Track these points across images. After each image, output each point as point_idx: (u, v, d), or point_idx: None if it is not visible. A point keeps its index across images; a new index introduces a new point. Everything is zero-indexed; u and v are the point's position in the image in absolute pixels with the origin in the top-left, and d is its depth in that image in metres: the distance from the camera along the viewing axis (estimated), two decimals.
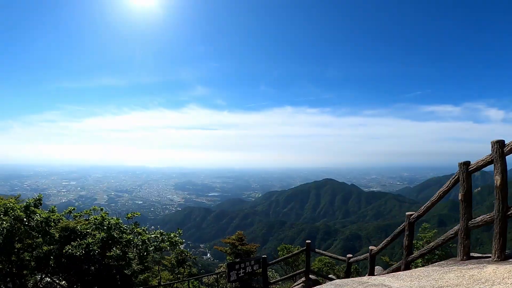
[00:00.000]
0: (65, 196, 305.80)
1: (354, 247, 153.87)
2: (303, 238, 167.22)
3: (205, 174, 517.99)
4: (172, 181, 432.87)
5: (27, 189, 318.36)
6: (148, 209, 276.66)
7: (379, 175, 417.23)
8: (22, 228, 7.24)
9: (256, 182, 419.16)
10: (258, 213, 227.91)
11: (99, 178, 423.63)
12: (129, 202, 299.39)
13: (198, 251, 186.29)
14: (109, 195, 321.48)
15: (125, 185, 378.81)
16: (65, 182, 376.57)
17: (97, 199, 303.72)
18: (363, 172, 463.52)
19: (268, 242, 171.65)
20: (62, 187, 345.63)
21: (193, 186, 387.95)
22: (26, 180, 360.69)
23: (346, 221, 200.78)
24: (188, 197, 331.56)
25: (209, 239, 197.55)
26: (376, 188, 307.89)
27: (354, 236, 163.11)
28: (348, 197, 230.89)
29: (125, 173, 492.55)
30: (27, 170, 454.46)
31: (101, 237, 7.51)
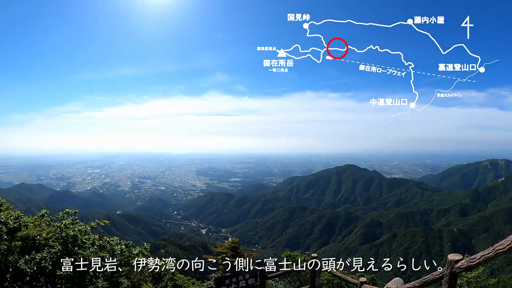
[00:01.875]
0: (90, 184, 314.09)
1: (374, 235, 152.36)
2: (324, 224, 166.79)
3: (226, 159, 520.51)
4: (194, 167, 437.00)
5: (52, 178, 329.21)
6: (171, 195, 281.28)
7: (401, 162, 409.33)
8: None
9: (277, 168, 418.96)
10: (280, 198, 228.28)
11: (122, 165, 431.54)
12: (152, 188, 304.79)
13: (219, 235, 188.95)
14: (132, 181, 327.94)
15: (148, 172, 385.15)
16: (90, 170, 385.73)
17: (121, 185, 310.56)
18: (386, 158, 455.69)
19: (289, 228, 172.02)
20: (86, 175, 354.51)
21: (215, 172, 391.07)
22: (51, 170, 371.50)
23: (367, 208, 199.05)
24: (210, 182, 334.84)
25: (231, 224, 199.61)
26: (398, 175, 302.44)
27: (374, 223, 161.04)
28: (370, 184, 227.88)
29: (148, 160, 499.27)
30: (52, 160, 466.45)
31: (56, 251, 6.69)
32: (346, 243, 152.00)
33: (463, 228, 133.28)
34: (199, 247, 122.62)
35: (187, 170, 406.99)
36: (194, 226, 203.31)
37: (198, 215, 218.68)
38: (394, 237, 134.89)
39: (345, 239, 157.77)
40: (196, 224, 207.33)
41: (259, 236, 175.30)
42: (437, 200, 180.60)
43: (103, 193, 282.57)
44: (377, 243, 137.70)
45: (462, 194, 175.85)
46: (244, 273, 9.63)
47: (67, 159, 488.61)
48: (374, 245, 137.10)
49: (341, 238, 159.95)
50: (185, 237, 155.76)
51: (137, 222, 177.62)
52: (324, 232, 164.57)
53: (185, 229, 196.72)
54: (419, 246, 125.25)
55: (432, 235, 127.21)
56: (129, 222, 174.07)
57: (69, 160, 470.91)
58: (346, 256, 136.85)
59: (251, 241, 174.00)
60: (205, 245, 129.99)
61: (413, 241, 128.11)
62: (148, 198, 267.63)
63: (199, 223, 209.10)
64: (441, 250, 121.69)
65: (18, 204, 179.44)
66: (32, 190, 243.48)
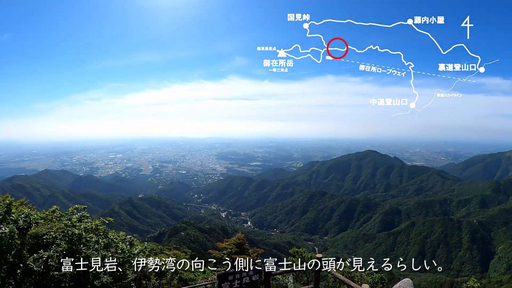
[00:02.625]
0: (112, 168, 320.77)
1: (393, 222, 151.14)
2: (343, 210, 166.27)
3: (247, 143, 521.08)
4: (214, 151, 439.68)
5: (76, 164, 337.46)
6: (192, 179, 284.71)
7: (423, 149, 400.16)
8: None
9: (297, 152, 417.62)
10: (299, 183, 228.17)
11: (144, 150, 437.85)
12: (173, 172, 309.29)
13: (239, 219, 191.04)
14: (154, 165, 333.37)
15: (169, 156, 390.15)
16: (112, 155, 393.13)
17: (142, 170, 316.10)
18: (407, 145, 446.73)
19: (308, 212, 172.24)
20: (109, 160, 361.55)
21: (235, 156, 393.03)
22: (75, 156, 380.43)
23: (387, 195, 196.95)
24: (230, 166, 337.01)
25: (250, 208, 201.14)
26: (419, 162, 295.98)
27: (394, 210, 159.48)
28: (390, 170, 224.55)
29: (169, 144, 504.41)
30: (76, 146, 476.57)
31: (61, 249, 7.18)
32: (364, 230, 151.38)
33: (483, 220, 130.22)
34: (219, 230, 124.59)
35: (208, 154, 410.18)
36: (214, 210, 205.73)
37: (218, 199, 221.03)
38: (412, 226, 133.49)
39: (364, 225, 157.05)
40: (216, 208, 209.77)
41: (278, 220, 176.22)
42: (458, 190, 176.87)
43: (125, 177, 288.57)
44: (395, 231, 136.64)
45: (483, 185, 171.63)
46: (248, 270, 9.55)
47: (90, 145, 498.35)
48: (392, 233, 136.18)
49: (360, 224, 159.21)
50: (205, 220, 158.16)
51: (158, 205, 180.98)
52: (343, 218, 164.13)
53: (205, 212, 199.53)
54: (437, 236, 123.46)
55: (451, 226, 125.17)
56: (151, 205, 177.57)
57: (91, 146, 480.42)
58: (364, 243, 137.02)
59: (270, 225, 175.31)
60: (225, 228, 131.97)
61: (432, 230, 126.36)
62: (169, 181, 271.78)
63: (219, 206, 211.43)
64: (460, 241, 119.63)
65: (43, 190, 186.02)
66: (56, 176, 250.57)
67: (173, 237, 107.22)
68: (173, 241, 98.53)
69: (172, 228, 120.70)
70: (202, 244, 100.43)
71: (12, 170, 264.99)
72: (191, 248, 76.29)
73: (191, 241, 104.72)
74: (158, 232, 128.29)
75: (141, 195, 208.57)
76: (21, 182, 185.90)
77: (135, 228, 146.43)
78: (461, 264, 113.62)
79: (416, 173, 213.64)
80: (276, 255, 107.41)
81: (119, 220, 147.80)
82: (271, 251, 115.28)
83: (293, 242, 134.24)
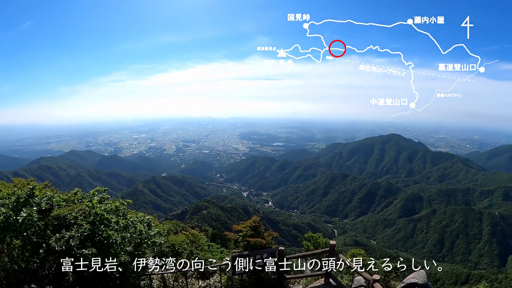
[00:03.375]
0: (136, 148, 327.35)
1: (413, 209, 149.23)
2: (364, 193, 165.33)
3: (269, 124, 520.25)
4: (237, 131, 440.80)
5: (101, 144, 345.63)
6: (214, 158, 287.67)
7: (448, 135, 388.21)
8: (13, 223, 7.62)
9: (320, 133, 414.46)
10: (321, 164, 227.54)
11: (167, 130, 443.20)
12: (196, 151, 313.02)
13: (260, 198, 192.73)
14: (177, 145, 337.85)
15: (192, 136, 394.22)
16: (136, 135, 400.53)
17: (166, 149, 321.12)
18: (432, 130, 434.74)
19: (329, 194, 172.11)
20: (133, 140, 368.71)
21: (258, 136, 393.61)
22: (99, 136, 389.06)
23: (409, 181, 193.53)
24: (252, 146, 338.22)
25: (272, 188, 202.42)
26: (443, 148, 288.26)
27: (415, 197, 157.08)
28: (414, 155, 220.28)
29: (192, 124, 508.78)
30: (100, 127, 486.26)
31: (82, 230, 7.59)
32: (385, 215, 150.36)
33: (505, 212, 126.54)
34: (240, 209, 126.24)
35: (230, 134, 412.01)
36: (236, 189, 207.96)
37: (240, 178, 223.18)
38: (433, 213, 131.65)
39: (384, 210, 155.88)
40: (237, 187, 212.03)
41: (299, 201, 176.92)
42: (481, 180, 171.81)
43: (149, 156, 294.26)
44: (416, 217, 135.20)
45: (508, 176, 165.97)
46: (262, 252, 9.64)
47: (114, 126, 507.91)
48: (413, 219, 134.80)
49: (380, 209, 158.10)
50: (227, 199, 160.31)
51: (181, 184, 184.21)
52: (364, 202, 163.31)
53: (227, 191, 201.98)
54: (457, 226, 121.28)
55: (472, 216, 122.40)
56: (174, 184, 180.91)
57: (116, 127, 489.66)
58: (384, 228, 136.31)
59: (291, 206, 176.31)
60: (246, 208, 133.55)
61: (452, 220, 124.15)
62: (192, 161, 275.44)
63: (241, 186, 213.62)
64: (480, 232, 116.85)
65: (69, 170, 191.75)
66: (82, 156, 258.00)
67: (195, 215, 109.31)
68: (195, 219, 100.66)
69: (194, 207, 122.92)
70: (224, 223, 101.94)
71: (39, 152, 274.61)
72: (212, 227, 77.78)
73: (213, 220, 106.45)
74: (181, 210, 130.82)
75: (164, 174, 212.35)
76: (48, 163, 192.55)
77: (158, 206, 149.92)
78: (479, 256, 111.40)
79: (440, 160, 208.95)
80: (296, 236, 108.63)
81: (143, 198, 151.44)
82: (290, 231, 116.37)
83: (313, 223, 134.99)
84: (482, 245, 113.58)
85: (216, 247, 20.08)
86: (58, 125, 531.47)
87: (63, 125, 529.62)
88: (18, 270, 8.31)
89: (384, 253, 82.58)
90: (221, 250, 18.84)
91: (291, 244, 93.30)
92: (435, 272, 69.43)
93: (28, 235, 7.92)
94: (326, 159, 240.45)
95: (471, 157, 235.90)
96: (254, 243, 10.07)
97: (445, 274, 65.83)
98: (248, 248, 10.15)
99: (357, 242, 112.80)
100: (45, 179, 13.00)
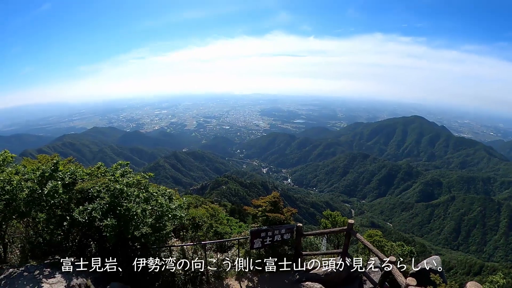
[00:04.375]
0: (158, 124, 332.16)
1: (432, 194, 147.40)
2: (383, 175, 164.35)
3: (291, 101, 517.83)
4: (258, 107, 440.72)
5: (123, 121, 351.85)
6: (235, 134, 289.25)
7: (472, 121, 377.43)
8: (37, 196, 7.95)
9: (342, 112, 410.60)
10: (342, 143, 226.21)
11: (188, 106, 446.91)
12: (217, 127, 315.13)
13: (279, 175, 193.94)
14: (198, 121, 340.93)
15: (213, 111, 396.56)
16: (157, 111, 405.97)
17: (187, 125, 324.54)
18: (456, 114, 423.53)
19: (348, 174, 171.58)
20: (154, 116, 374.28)
21: (279, 113, 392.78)
22: (121, 113, 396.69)
23: (430, 165, 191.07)
24: (273, 123, 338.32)
25: (291, 165, 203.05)
26: (467, 134, 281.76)
27: (435, 182, 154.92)
28: (436, 139, 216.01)
29: (213, 100, 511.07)
30: (122, 103, 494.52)
31: (105, 202, 7.85)
32: (403, 198, 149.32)
33: None
34: (259, 186, 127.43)
35: (251, 110, 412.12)
36: (256, 165, 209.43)
37: (260, 155, 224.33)
38: (452, 201, 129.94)
39: (402, 193, 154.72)
40: (257, 163, 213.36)
41: (318, 180, 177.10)
42: (503, 170, 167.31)
43: (170, 132, 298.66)
44: (434, 203, 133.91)
45: None
46: (280, 228, 9.79)
47: (136, 102, 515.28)
48: (431, 204, 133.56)
49: (399, 192, 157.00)
50: (246, 175, 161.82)
51: (201, 159, 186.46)
52: (382, 183, 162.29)
53: (247, 167, 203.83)
54: (475, 215, 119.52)
55: (490, 207, 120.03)
56: (194, 159, 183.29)
57: (137, 103, 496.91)
58: (401, 212, 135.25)
59: (310, 184, 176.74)
60: (265, 184, 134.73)
61: (470, 208, 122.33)
62: (213, 136, 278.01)
63: (261, 162, 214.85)
64: (497, 224, 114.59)
65: (92, 146, 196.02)
66: (104, 132, 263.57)
67: (215, 190, 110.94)
68: (214, 194, 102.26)
69: (214, 182, 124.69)
70: (242, 198, 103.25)
71: (62, 130, 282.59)
72: (231, 202, 78.84)
73: (232, 195, 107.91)
74: (201, 185, 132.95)
75: (185, 150, 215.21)
76: (71, 140, 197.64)
77: (179, 181, 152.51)
78: (494, 248, 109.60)
79: (463, 146, 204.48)
80: (313, 214, 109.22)
81: (164, 173, 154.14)
82: (308, 209, 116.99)
83: (331, 202, 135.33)
84: (498, 237, 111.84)
85: (235, 222, 20.41)
86: (80, 103, 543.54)
87: (85, 103, 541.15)
88: (43, 242, 8.72)
89: (399, 236, 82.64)
90: (239, 225, 19.11)
91: (308, 222, 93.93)
92: (449, 260, 68.94)
93: (53, 209, 8.24)
94: (346, 138, 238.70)
95: (494, 145, 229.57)
96: (273, 218, 10.15)
97: (458, 263, 65.43)
98: (267, 223, 10.25)
99: (374, 223, 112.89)
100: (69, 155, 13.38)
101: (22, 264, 8.02)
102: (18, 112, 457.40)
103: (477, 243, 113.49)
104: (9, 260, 8.89)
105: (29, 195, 7.84)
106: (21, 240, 9.24)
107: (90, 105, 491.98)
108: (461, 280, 19.28)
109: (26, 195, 7.82)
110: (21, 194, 7.84)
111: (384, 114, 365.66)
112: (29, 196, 7.83)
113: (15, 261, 8.89)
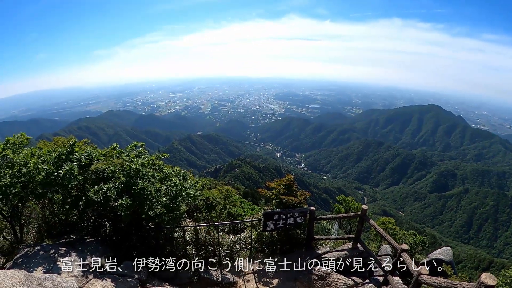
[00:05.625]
0: (173, 107, 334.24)
1: (446, 185, 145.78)
2: (397, 163, 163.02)
3: (306, 85, 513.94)
4: (273, 91, 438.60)
5: (137, 104, 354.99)
6: (249, 118, 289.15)
7: (490, 113, 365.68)
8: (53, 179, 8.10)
9: (357, 98, 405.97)
10: (356, 130, 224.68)
11: (203, 89, 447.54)
12: (231, 110, 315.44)
13: (293, 160, 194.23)
14: (212, 104, 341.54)
15: (228, 95, 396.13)
16: (172, 94, 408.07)
17: (201, 108, 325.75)
18: (474, 105, 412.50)
19: (361, 161, 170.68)
20: (169, 99, 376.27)
21: (294, 97, 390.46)
22: (136, 96, 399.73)
23: (445, 155, 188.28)
24: (288, 107, 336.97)
25: (305, 150, 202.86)
26: (484, 126, 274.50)
27: (449, 173, 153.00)
28: (452, 130, 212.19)
29: (227, 83, 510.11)
30: (136, 87, 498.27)
31: (120, 182, 7.95)
32: (416, 187, 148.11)
33: None
34: (272, 169, 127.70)
35: (266, 94, 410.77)
36: (270, 149, 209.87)
37: (274, 139, 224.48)
38: (465, 193, 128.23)
39: (416, 183, 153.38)
40: (271, 147, 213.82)
41: (331, 165, 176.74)
42: None
43: (184, 115, 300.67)
44: (447, 194, 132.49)
45: None
46: (293, 211, 9.77)
47: (151, 85, 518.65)
48: (444, 196, 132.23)
49: (412, 181, 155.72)
50: (260, 159, 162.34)
51: (216, 142, 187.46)
52: (396, 172, 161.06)
53: (261, 151, 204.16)
54: (487, 209, 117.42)
55: (504, 202, 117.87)
56: (209, 142, 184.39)
57: (152, 87, 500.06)
58: (413, 201, 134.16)
59: (323, 169, 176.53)
60: (278, 168, 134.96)
61: (483, 202, 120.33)
62: (227, 120, 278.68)
63: (275, 146, 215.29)
64: (509, 220, 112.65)
65: (107, 129, 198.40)
66: (119, 116, 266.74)
67: (229, 173, 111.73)
68: (228, 177, 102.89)
69: (228, 165, 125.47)
70: (256, 182, 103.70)
71: (78, 114, 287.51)
72: (244, 185, 79.26)
73: (245, 178, 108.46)
74: (215, 168, 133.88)
75: (199, 133, 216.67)
76: (87, 124, 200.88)
77: (193, 164, 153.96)
78: (505, 244, 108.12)
79: (479, 138, 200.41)
80: (325, 199, 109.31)
81: (178, 156, 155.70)
82: (320, 195, 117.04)
83: (343, 188, 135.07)
84: (509, 233, 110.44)
85: (248, 204, 20.62)
86: (95, 87, 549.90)
87: (100, 87, 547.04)
88: (59, 222, 9.00)
89: (410, 226, 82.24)
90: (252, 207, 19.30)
91: (320, 207, 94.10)
92: (459, 253, 68.43)
93: (68, 189, 8.39)
94: (361, 125, 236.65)
95: (511, 139, 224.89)
96: (287, 201, 10.20)
97: (468, 257, 64.98)
98: (280, 205, 10.33)
99: (386, 212, 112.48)
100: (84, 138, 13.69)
101: (38, 244, 8.18)
102: (34, 98, 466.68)
103: (487, 238, 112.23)
104: (25, 240, 9.10)
105: (45, 178, 7.99)
106: (37, 220, 9.49)
107: (105, 89, 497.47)
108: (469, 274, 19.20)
109: (42, 177, 7.96)
110: (37, 177, 7.98)
111: (401, 102, 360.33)
112: (45, 179, 8.00)
113: (31, 241, 9.11)
